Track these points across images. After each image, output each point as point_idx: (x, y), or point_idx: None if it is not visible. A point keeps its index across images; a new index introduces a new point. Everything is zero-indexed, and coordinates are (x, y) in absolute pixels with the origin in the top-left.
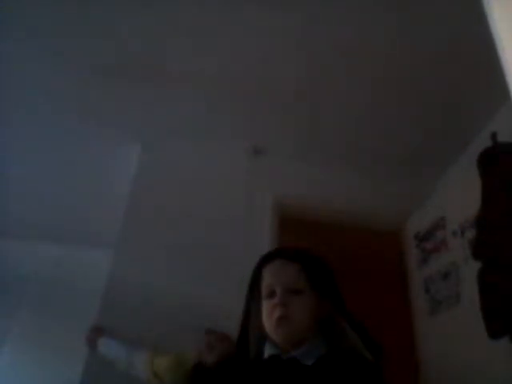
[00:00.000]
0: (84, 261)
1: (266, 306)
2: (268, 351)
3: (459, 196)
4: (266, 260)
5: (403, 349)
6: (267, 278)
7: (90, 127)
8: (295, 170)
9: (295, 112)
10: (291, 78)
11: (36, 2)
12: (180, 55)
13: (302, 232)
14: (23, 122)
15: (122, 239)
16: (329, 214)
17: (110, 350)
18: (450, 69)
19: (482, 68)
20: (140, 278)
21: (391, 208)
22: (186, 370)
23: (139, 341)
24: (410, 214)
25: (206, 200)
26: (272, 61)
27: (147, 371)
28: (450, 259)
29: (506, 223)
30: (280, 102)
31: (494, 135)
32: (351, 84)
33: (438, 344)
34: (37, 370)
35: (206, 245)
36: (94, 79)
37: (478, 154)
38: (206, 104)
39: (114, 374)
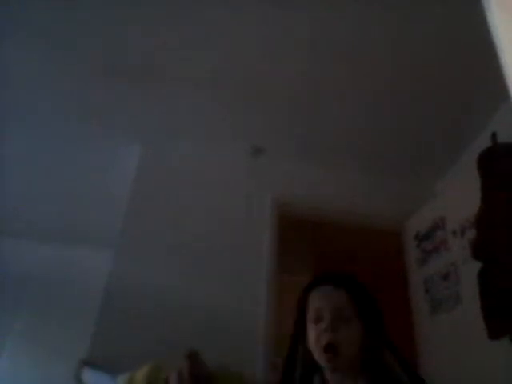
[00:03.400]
0: (84, 261)
1: (313, 330)
2: None
3: (459, 196)
4: (313, 284)
5: (403, 349)
6: (315, 302)
7: (90, 127)
8: (295, 170)
9: (295, 112)
10: (291, 78)
11: (36, 3)
12: (180, 55)
13: (302, 232)
14: (23, 122)
15: (122, 239)
16: (329, 213)
17: (92, 380)
18: (450, 69)
19: (481, 68)
20: (140, 278)
21: (391, 208)
22: None
23: (138, 341)
24: (410, 213)
25: (205, 200)
26: (272, 61)
27: None
28: (450, 259)
29: (506, 223)
30: (280, 102)
31: (493, 135)
32: (351, 84)
33: (437, 344)
34: (37, 370)
35: (205, 245)
36: (94, 79)
37: (478, 154)
38: (206, 104)
39: None
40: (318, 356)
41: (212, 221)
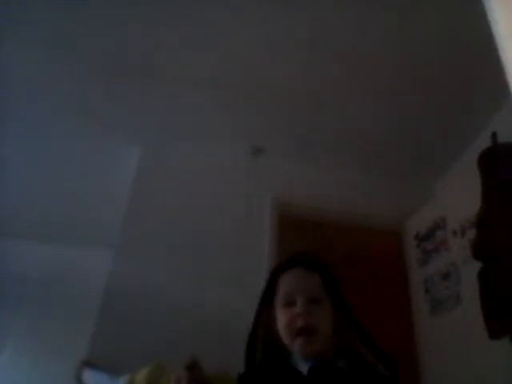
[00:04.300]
0: (84, 261)
1: (284, 314)
2: (303, 363)
3: (459, 196)
4: (284, 267)
5: (403, 349)
6: (286, 286)
7: (90, 127)
8: (295, 170)
9: (295, 112)
10: (291, 78)
11: (36, 3)
12: (180, 55)
13: (302, 232)
14: (23, 122)
15: (122, 239)
16: (329, 213)
17: (92, 381)
18: (450, 69)
19: (481, 68)
20: (140, 278)
21: (391, 208)
22: None
23: (138, 341)
24: (410, 213)
25: (205, 200)
26: (272, 61)
27: None
28: (451, 259)
29: (506, 223)
30: (280, 102)
31: (493, 135)
32: (351, 84)
33: (438, 344)
34: (37, 370)
35: (205, 245)
36: (94, 79)
37: (478, 154)
38: (206, 104)
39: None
40: (290, 340)
41: (212, 221)
